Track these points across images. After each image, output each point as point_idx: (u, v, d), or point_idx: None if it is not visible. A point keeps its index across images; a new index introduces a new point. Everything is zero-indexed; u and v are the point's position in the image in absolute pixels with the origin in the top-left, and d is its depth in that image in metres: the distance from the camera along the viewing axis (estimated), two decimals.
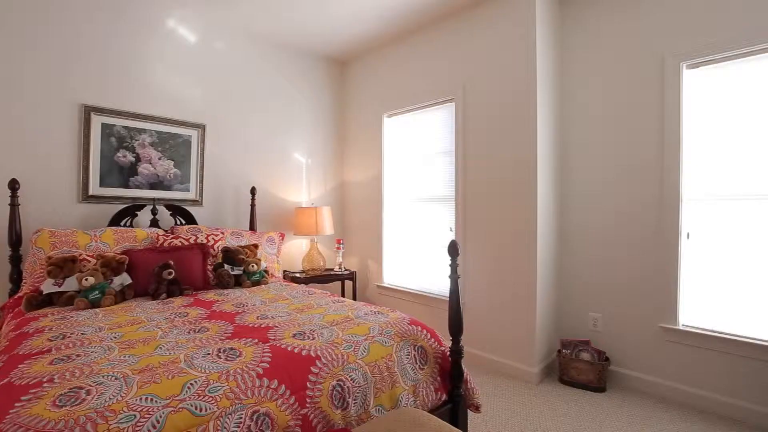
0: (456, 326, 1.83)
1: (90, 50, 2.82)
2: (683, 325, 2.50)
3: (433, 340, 1.88)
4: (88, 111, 2.81)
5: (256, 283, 2.79)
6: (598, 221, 2.88)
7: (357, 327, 1.79)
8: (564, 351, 2.83)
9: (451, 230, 3.35)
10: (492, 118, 3.03)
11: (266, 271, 2.93)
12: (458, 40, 3.25)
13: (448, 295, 3.25)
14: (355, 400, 1.49)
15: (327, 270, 3.83)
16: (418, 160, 3.66)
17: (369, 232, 4.08)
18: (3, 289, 2.50)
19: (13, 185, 2.44)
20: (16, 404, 1.08)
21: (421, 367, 1.79)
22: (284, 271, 3.74)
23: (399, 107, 3.74)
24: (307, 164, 4.09)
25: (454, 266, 1.81)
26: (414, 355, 1.78)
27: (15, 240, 2.45)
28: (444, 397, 1.84)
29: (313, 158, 4.14)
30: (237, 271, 2.79)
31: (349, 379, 1.50)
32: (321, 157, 4.21)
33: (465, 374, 1.88)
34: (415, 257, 3.69)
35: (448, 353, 1.88)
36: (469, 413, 2.02)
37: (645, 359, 2.65)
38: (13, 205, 2.45)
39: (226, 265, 2.80)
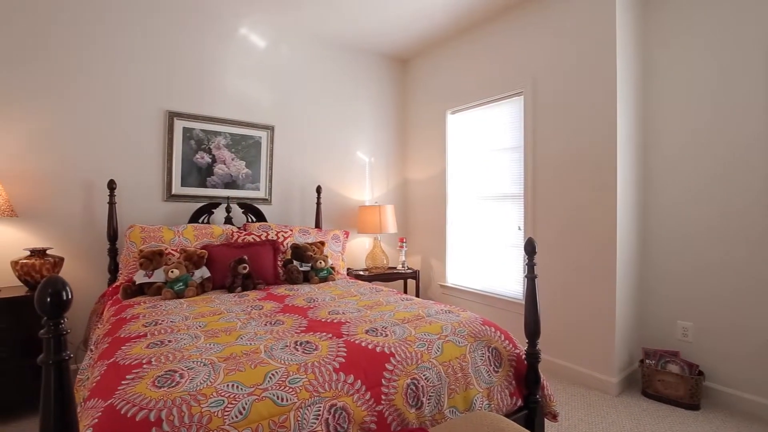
0: (533, 328, 1.73)
1: (172, 60, 3.05)
2: None
3: (507, 342, 1.80)
4: (171, 116, 3.04)
5: (324, 280, 2.85)
6: (689, 219, 2.59)
7: (429, 326, 1.75)
8: (648, 361, 2.59)
9: (519, 229, 3.20)
10: (565, 112, 2.85)
11: (332, 268, 2.99)
12: (527, 31, 3.09)
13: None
14: (429, 399, 1.46)
15: (390, 268, 3.83)
16: (483, 156, 3.54)
17: (432, 230, 4.02)
18: (103, 279, 2.78)
19: (111, 186, 2.70)
20: (123, 382, 1.17)
21: (496, 369, 1.71)
22: (348, 269, 3.80)
23: (463, 103, 3.65)
24: (370, 163, 4.13)
25: (530, 265, 1.71)
26: (488, 356, 1.71)
27: (112, 235, 2.71)
28: (519, 402, 1.75)
29: (375, 157, 4.17)
30: (305, 268, 2.87)
31: (423, 378, 1.47)
32: (384, 155, 4.23)
33: (542, 380, 1.77)
34: (481, 257, 3.57)
35: (524, 356, 1.78)
36: (546, 422, 1.90)
37: (748, 376, 2.35)
38: (111, 204, 2.70)
39: (295, 261, 2.89)
